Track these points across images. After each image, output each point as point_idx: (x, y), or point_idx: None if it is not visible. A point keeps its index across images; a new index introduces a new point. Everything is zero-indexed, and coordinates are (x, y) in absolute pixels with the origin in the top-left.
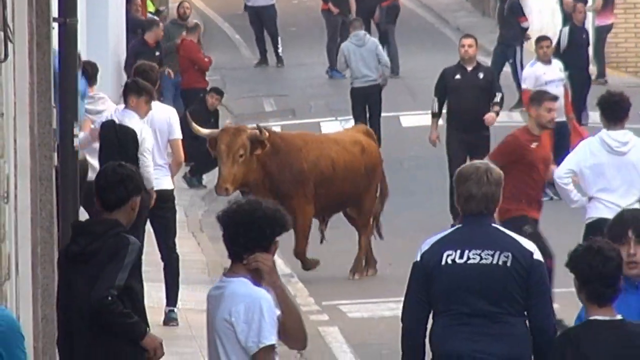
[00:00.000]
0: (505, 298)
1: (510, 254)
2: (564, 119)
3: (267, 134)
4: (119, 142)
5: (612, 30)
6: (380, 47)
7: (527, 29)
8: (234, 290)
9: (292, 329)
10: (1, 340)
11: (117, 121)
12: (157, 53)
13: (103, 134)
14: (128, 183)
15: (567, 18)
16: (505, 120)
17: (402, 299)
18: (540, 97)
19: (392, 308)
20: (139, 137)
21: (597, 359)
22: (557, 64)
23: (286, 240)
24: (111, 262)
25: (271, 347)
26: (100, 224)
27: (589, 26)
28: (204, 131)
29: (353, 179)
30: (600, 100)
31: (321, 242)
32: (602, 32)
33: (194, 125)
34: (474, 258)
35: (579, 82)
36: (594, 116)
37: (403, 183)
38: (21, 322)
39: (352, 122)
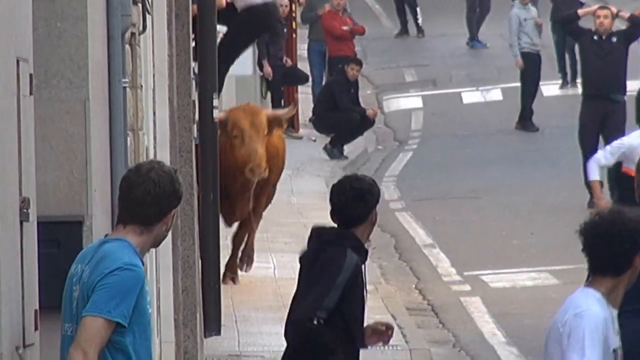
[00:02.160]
0: None
1: None
2: None
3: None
4: None
5: None
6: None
7: None
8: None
9: None
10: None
11: None
12: None
13: None
14: (368, 197)
15: None
16: None
17: (544, 268)
18: None
19: (534, 278)
20: None
21: None
22: None
23: (427, 208)
24: (322, 277)
25: None
26: (336, 233)
27: None
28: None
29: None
30: None
31: None
32: None
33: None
34: None
35: None
36: None
37: (545, 152)
38: (161, 294)
39: (493, 92)
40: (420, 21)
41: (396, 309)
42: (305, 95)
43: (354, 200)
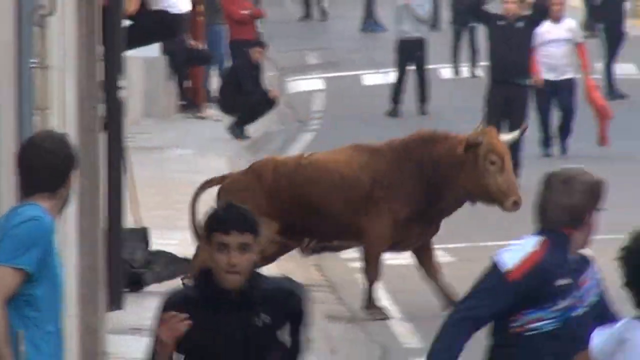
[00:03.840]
0: None
1: None
2: (568, 76)
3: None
4: None
5: None
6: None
7: None
8: None
9: None
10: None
11: None
12: None
13: None
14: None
15: None
16: None
17: (439, 246)
18: None
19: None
20: None
21: None
22: (568, 24)
23: None
24: None
25: None
26: None
27: None
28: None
29: None
30: None
31: None
32: None
33: None
34: None
35: (612, 36)
36: (623, 68)
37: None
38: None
39: (393, 74)
40: (326, 5)
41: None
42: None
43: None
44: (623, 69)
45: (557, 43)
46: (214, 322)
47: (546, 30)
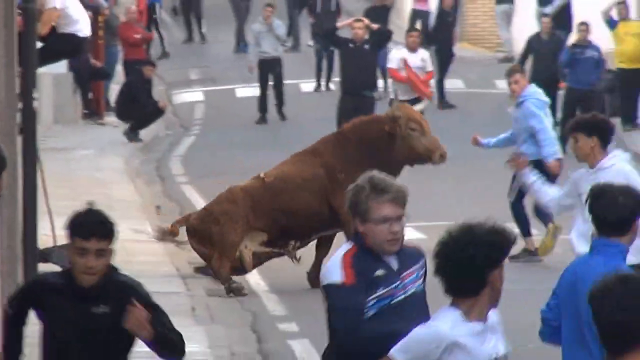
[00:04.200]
0: None
1: None
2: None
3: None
4: None
5: (473, 12)
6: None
7: None
8: None
9: None
10: None
11: None
12: None
13: None
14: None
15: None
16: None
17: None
18: None
19: None
20: None
21: None
22: (421, 54)
23: (207, 182)
24: None
25: None
26: None
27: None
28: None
29: None
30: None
31: None
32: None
33: None
34: None
35: (443, 56)
36: (452, 83)
37: (302, 138)
38: None
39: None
40: (204, 30)
41: (180, 263)
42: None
43: None
44: (452, 83)
45: (411, 69)
46: (64, 309)
47: (404, 57)
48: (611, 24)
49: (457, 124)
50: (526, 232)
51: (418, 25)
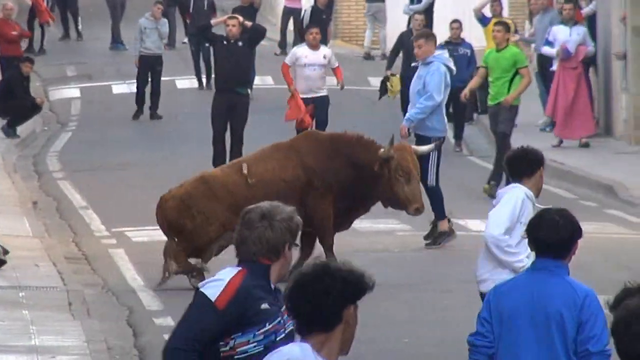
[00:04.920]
0: None
1: None
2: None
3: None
4: None
5: (347, 10)
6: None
7: None
8: None
9: None
10: None
11: None
12: None
13: None
14: None
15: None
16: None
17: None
18: None
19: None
20: None
21: None
22: (323, 51)
23: (83, 177)
24: None
25: None
26: None
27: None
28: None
29: None
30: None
31: None
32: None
33: None
34: None
35: None
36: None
37: (180, 134)
38: None
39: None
40: (80, 27)
41: (57, 258)
42: None
43: None
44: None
45: (313, 67)
46: None
47: (304, 55)
48: (484, 21)
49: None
50: (442, 215)
51: (290, 23)
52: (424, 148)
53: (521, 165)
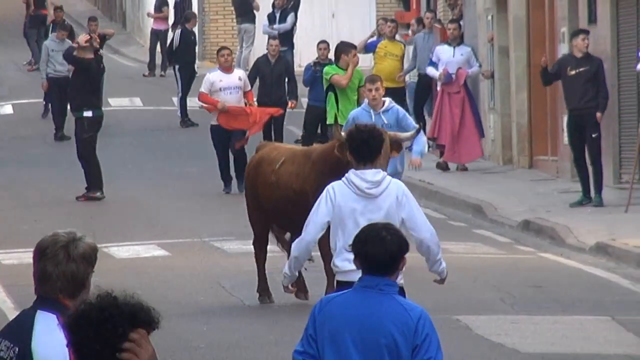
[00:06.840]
0: None
1: None
2: None
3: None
4: None
5: (215, 31)
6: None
7: None
8: None
9: None
10: None
11: None
12: None
13: None
14: None
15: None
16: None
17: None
18: None
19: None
20: None
21: None
22: (238, 73)
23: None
24: None
25: None
26: None
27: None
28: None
29: None
30: (348, 137)
31: None
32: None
33: None
34: None
35: (185, 75)
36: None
37: (58, 157)
38: None
39: (6, 107)
40: None
41: None
42: None
43: None
44: (194, 101)
45: (229, 90)
46: None
47: (218, 79)
48: (370, 47)
49: (199, 141)
50: None
51: (158, 45)
52: (406, 134)
53: None
